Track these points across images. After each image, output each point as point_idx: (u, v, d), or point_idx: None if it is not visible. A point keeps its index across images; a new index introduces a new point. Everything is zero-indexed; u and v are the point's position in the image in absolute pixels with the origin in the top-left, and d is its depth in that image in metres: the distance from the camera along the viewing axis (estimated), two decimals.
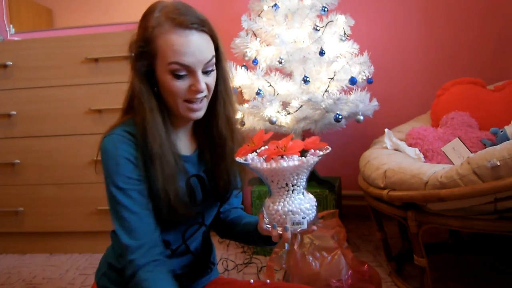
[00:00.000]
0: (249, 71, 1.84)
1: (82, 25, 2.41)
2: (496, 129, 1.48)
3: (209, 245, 1.00)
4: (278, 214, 0.72)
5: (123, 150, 0.77)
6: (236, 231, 0.94)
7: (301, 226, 0.71)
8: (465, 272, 1.58)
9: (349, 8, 2.01)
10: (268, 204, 0.74)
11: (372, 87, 1.94)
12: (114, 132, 0.79)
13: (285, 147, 0.70)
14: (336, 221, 1.32)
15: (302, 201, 0.72)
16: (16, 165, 2.01)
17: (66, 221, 1.99)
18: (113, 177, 0.77)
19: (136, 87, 0.79)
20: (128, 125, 0.81)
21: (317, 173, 1.91)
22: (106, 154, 0.78)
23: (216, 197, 0.91)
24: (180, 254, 0.90)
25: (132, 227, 0.75)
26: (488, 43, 2.17)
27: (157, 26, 0.76)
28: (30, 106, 1.98)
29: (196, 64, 0.76)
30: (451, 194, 1.11)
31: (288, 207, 0.71)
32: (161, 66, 0.77)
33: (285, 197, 0.72)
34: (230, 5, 2.34)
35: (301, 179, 0.72)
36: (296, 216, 0.71)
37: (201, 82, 0.77)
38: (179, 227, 0.88)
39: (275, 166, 0.68)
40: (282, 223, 0.71)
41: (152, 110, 0.78)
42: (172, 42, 0.74)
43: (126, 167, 0.77)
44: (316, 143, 0.73)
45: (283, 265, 1.24)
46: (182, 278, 0.91)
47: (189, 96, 0.78)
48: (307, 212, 0.72)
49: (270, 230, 0.73)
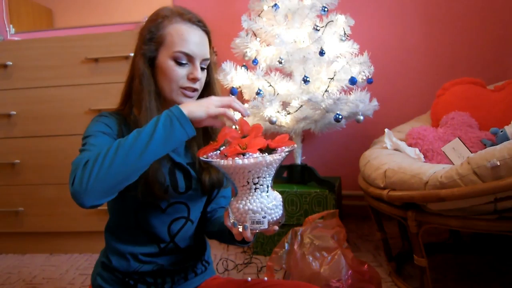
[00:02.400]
0: (249, 71, 1.84)
1: (82, 25, 2.41)
2: (496, 129, 1.48)
3: (201, 244, 1.00)
4: (239, 213, 0.71)
5: (104, 119, 0.86)
6: (215, 230, 0.94)
7: (262, 226, 0.69)
8: (465, 272, 1.58)
9: (349, 8, 2.01)
10: (232, 202, 0.73)
11: (372, 87, 1.94)
12: (103, 113, 0.89)
13: (245, 144, 0.69)
14: (336, 221, 1.32)
15: (264, 200, 0.70)
16: (16, 165, 2.01)
17: (66, 221, 2.00)
18: (87, 132, 0.83)
19: (139, 69, 0.85)
20: (116, 113, 0.90)
21: (317, 173, 1.91)
22: (90, 123, 0.86)
23: (201, 191, 0.92)
24: (170, 252, 0.91)
25: (88, 152, 0.75)
26: (488, 43, 2.17)
27: (168, 16, 0.86)
28: (30, 106, 1.98)
29: (197, 55, 0.86)
30: (451, 194, 1.11)
31: (249, 206, 0.70)
32: (166, 52, 0.85)
33: (247, 195, 0.71)
34: (230, 5, 2.34)
35: (263, 177, 0.70)
36: (256, 215, 0.70)
37: (199, 71, 0.86)
38: (163, 218, 0.89)
39: (231, 163, 0.67)
40: (242, 221, 0.70)
41: (150, 93, 0.85)
42: (181, 31, 0.85)
43: (101, 125, 0.84)
44: (283, 141, 0.72)
45: (283, 265, 1.24)
46: (174, 274, 0.92)
47: (186, 84, 0.86)
48: (269, 212, 0.70)
49: (230, 228, 0.73)
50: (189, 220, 0.93)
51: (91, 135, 0.82)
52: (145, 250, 0.89)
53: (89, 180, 0.66)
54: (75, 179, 0.68)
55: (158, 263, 0.90)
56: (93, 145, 0.78)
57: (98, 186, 0.67)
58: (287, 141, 0.72)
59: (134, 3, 2.41)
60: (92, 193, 0.67)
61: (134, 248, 0.89)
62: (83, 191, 0.66)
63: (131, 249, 0.89)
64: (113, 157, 0.68)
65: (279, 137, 0.73)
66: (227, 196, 1.03)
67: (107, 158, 0.68)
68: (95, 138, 0.81)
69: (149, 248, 0.89)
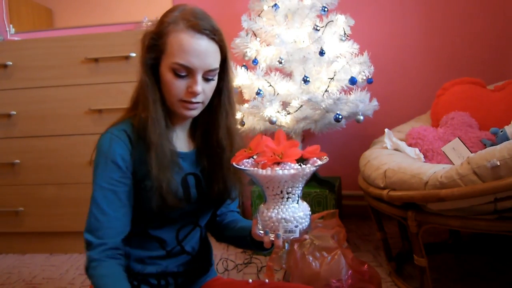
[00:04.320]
0: (249, 71, 1.84)
1: (82, 25, 2.41)
2: (496, 129, 1.48)
3: (206, 246, 1.00)
4: (271, 221, 0.71)
5: (115, 152, 0.80)
6: (230, 234, 0.94)
7: (294, 234, 0.71)
8: (465, 272, 1.58)
9: (349, 8, 2.01)
10: (263, 210, 0.74)
11: (372, 87, 1.94)
12: (111, 131, 0.83)
13: (282, 154, 0.69)
14: (336, 221, 1.32)
15: (296, 210, 0.72)
16: (16, 165, 2.01)
17: (66, 221, 1.99)
18: (98, 174, 0.81)
19: (141, 79, 0.82)
20: (126, 124, 0.84)
21: (317, 173, 1.91)
22: (99, 151, 0.82)
23: (210, 201, 0.92)
24: (176, 255, 0.91)
25: (98, 225, 0.78)
26: (488, 43, 2.17)
27: (172, 23, 0.79)
28: (30, 106, 1.98)
29: (197, 67, 0.78)
30: (451, 194, 1.11)
31: (282, 215, 0.71)
32: (165, 62, 0.80)
33: (280, 204, 0.72)
34: (230, 5, 2.34)
35: (296, 187, 0.71)
36: (289, 224, 0.71)
37: (199, 85, 0.79)
38: (173, 226, 0.89)
39: (270, 173, 0.67)
40: (275, 230, 0.71)
41: (156, 102, 0.81)
42: (181, 41, 0.77)
43: (112, 168, 0.80)
44: (315, 152, 0.72)
45: (283, 265, 1.24)
46: (177, 276, 0.92)
47: (185, 97, 0.80)
48: (300, 221, 0.72)
49: (262, 236, 0.74)
50: (197, 226, 0.93)
51: (104, 187, 0.80)
52: (152, 254, 0.89)
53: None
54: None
55: (162, 265, 0.90)
56: (103, 213, 0.79)
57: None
58: (319, 152, 0.73)
59: (134, 3, 2.41)
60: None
61: (141, 252, 0.88)
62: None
63: (138, 253, 0.88)
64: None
65: (311, 148, 0.73)
66: (235, 199, 1.02)
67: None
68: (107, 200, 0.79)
69: (156, 252, 0.89)
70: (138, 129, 0.83)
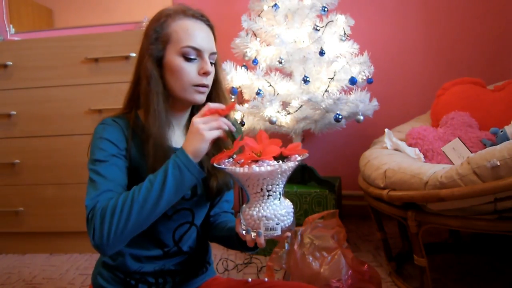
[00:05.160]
0: (249, 71, 1.84)
1: (82, 25, 2.41)
2: (496, 129, 1.48)
3: (204, 245, 1.00)
4: (252, 219, 0.72)
5: (110, 132, 0.84)
6: (220, 235, 0.95)
7: (275, 232, 0.71)
8: (465, 272, 1.58)
9: (349, 8, 2.01)
10: (245, 209, 0.74)
11: (372, 87, 1.94)
12: (105, 121, 0.87)
13: (260, 152, 0.70)
14: (336, 221, 1.32)
15: (277, 207, 0.72)
16: (16, 165, 2.01)
17: (66, 221, 2.00)
18: (94, 152, 0.82)
19: (148, 70, 0.83)
20: (122, 119, 0.87)
21: (317, 173, 1.91)
22: (94, 137, 0.85)
23: (206, 197, 0.92)
24: (172, 255, 0.92)
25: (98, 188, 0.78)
26: (488, 43, 2.17)
27: (172, 14, 0.85)
28: (30, 106, 1.98)
29: (205, 48, 0.84)
30: (451, 194, 1.11)
31: (263, 213, 0.71)
32: (173, 50, 0.83)
33: (261, 202, 0.72)
34: (230, 5, 2.34)
35: (276, 184, 0.71)
36: (270, 222, 0.71)
37: (209, 64, 0.84)
38: (169, 225, 0.89)
39: (247, 170, 0.68)
40: (256, 228, 0.71)
41: (158, 94, 0.83)
42: (187, 27, 0.83)
43: (108, 145, 0.82)
44: (296, 149, 0.73)
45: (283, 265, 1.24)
46: (175, 274, 0.92)
47: (197, 81, 0.84)
48: (282, 219, 0.72)
49: (244, 235, 0.74)
50: (193, 225, 0.94)
51: (100, 160, 0.80)
52: (149, 253, 0.89)
53: (109, 236, 0.72)
54: (94, 233, 0.73)
55: (159, 264, 0.90)
56: (103, 177, 0.79)
57: (117, 240, 0.73)
58: (300, 150, 0.73)
59: (134, 3, 2.41)
60: (112, 246, 0.74)
61: (138, 252, 0.89)
62: (104, 245, 0.73)
63: (135, 252, 0.89)
64: (128, 213, 0.72)
65: (292, 145, 0.74)
66: (230, 200, 1.03)
67: (123, 214, 0.72)
68: (105, 168, 0.80)
69: (153, 252, 0.90)
70: (133, 127, 0.85)
